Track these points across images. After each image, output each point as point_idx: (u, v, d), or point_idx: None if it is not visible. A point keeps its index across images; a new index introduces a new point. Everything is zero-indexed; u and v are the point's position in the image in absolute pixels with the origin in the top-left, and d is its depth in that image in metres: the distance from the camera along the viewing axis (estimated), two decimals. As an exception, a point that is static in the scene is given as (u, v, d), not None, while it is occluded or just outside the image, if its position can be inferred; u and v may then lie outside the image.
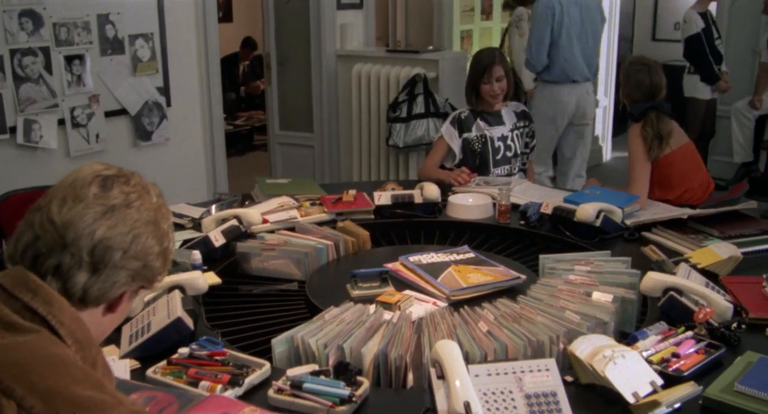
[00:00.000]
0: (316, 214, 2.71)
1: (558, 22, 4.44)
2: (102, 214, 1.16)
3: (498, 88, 3.36)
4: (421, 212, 2.75)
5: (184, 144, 4.33)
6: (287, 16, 5.21)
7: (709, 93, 5.85)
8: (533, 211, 2.60)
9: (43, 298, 1.11)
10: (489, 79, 3.34)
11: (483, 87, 3.36)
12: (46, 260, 1.14)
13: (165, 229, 1.25)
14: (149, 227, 1.21)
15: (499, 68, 3.35)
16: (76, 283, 1.15)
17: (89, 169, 1.23)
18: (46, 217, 1.16)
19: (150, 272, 1.23)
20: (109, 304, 1.21)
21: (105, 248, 1.15)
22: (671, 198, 2.98)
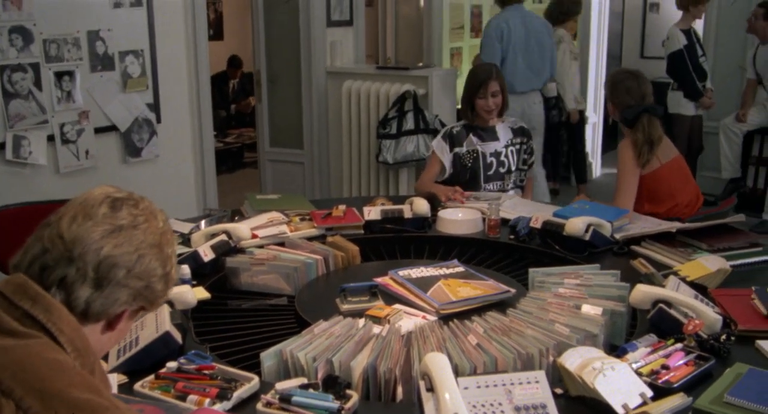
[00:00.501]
0: (305, 230, 2.70)
1: (506, 40, 4.79)
2: (110, 232, 1.21)
3: (493, 103, 3.38)
4: (410, 227, 2.75)
5: (174, 160, 4.33)
6: (277, 34, 5.24)
7: (693, 109, 5.88)
8: (523, 225, 2.60)
9: (43, 306, 1.14)
10: (484, 93, 3.36)
11: (478, 102, 3.38)
12: (53, 272, 1.18)
13: (168, 254, 1.29)
14: (154, 249, 1.25)
15: (494, 83, 3.38)
16: (79, 296, 1.18)
17: (101, 191, 1.28)
18: (55, 231, 1.20)
19: (151, 293, 1.26)
20: (108, 322, 1.24)
21: (110, 265, 1.20)
22: (660, 211, 2.99)
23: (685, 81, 5.77)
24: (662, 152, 3.09)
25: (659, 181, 3.04)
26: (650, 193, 3.05)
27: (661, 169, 3.06)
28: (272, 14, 5.22)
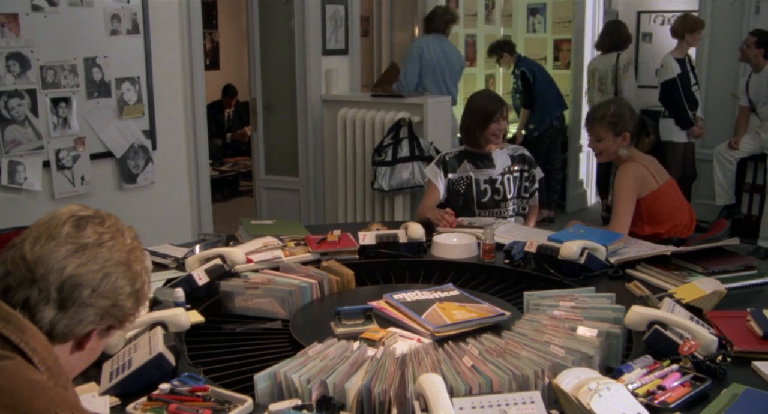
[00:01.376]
0: (300, 254, 2.70)
1: (425, 59, 5.38)
2: (73, 251, 1.19)
3: (504, 126, 3.44)
4: (405, 252, 2.75)
5: (170, 187, 4.33)
6: (273, 62, 5.28)
7: (685, 136, 5.93)
8: (518, 249, 2.60)
9: (15, 325, 1.12)
10: (499, 117, 3.39)
11: (492, 126, 3.39)
12: (15, 294, 1.17)
13: (137, 271, 1.28)
14: (120, 267, 1.24)
15: (504, 108, 3.43)
16: (42, 318, 1.17)
17: (66, 210, 1.27)
18: (18, 253, 1.19)
19: (120, 312, 1.25)
20: (77, 342, 1.23)
21: (74, 285, 1.18)
22: (661, 232, 3.03)
23: (677, 109, 5.82)
24: (658, 173, 3.13)
25: (659, 202, 3.08)
26: (650, 214, 3.08)
27: (659, 190, 3.10)
28: (268, 43, 5.26)
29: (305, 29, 5.02)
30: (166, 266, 2.68)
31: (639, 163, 3.14)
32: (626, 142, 3.15)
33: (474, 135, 3.43)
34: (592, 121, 3.20)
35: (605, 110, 3.17)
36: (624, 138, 3.14)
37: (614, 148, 3.16)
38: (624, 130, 3.14)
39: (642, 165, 3.13)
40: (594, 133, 3.19)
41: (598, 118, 3.17)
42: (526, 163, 3.49)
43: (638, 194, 3.07)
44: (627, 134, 3.14)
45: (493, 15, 7.07)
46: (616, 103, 3.25)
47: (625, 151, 3.14)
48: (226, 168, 8.05)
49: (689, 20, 5.89)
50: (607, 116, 3.14)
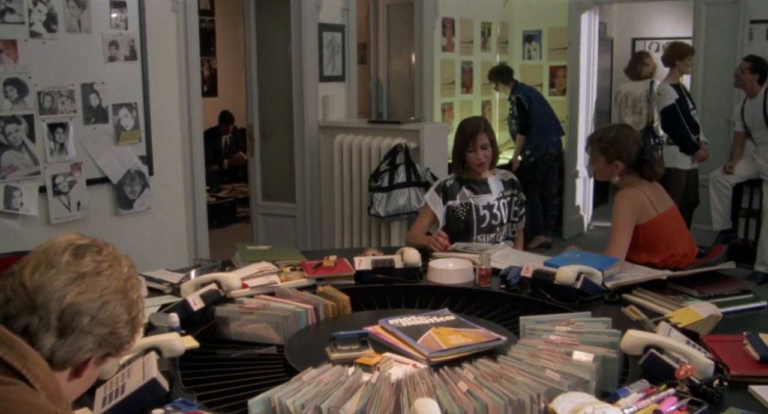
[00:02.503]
0: (296, 280, 2.69)
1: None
2: (72, 280, 1.21)
3: (483, 156, 3.40)
4: (401, 277, 2.74)
5: (166, 213, 4.33)
6: (270, 89, 5.31)
7: (689, 163, 5.95)
8: (514, 274, 2.60)
9: (18, 352, 1.14)
10: (474, 147, 3.39)
11: (468, 155, 3.41)
12: (15, 321, 1.18)
13: (134, 299, 1.29)
14: (118, 295, 1.25)
15: (483, 136, 3.41)
16: (43, 346, 1.18)
17: (64, 238, 1.28)
18: (18, 281, 1.20)
19: (117, 339, 1.26)
20: (75, 369, 1.24)
21: (73, 313, 1.20)
22: (657, 261, 2.99)
23: (681, 135, 5.85)
24: (659, 202, 3.11)
25: (656, 231, 3.05)
26: (647, 243, 3.06)
27: (658, 219, 3.07)
28: (265, 69, 5.30)
29: (302, 56, 5.06)
30: (162, 291, 2.67)
31: (638, 190, 3.11)
32: (618, 170, 3.13)
33: (456, 163, 3.46)
34: (590, 140, 3.25)
35: (604, 134, 3.17)
36: (616, 166, 3.12)
37: (607, 173, 3.16)
38: (617, 159, 3.11)
39: (641, 192, 3.10)
40: (590, 152, 3.22)
41: (594, 139, 3.18)
42: (515, 187, 3.51)
43: (636, 221, 3.05)
44: (620, 163, 3.11)
45: (489, 42, 7.12)
46: (619, 129, 3.23)
47: (617, 178, 3.14)
48: (222, 194, 8.05)
49: (678, 47, 5.97)
50: (603, 140, 3.14)
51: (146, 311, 2.43)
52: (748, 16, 6.26)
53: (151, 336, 1.96)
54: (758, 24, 6.29)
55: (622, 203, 3.07)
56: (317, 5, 5.08)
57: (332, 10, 5.24)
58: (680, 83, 5.99)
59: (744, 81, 5.66)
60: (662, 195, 3.16)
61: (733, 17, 6.33)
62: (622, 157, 3.11)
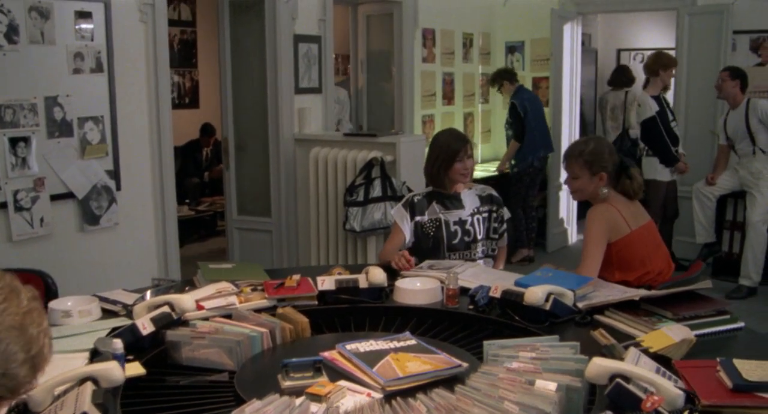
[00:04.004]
0: (255, 301, 2.58)
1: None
2: None
3: (470, 165, 3.36)
4: (366, 297, 2.63)
5: (135, 229, 4.22)
6: (245, 101, 5.20)
7: (669, 175, 5.87)
8: (482, 295, 2.49)
9: None
10: (463, 156, 3.30)
11: (457, 165, 3.31)
12: None
13: (33, 335, 1.17)
14: (12, 332, 1.13)
15: (468, 146, 3.34)
16: None
17: None
18: None
19: (11, 381, 1.14)
20: None
21: None
22: (631, 279, 2.88)
23: (660, 147, 5.77)
24: (633, 217, 3.00)
25: (630, 248, 2.94)
26: (621, 260, 2.95)
27: (632, 235, 2.95)
28: (240, 81, 5.19)
29: (277, 67, 4.96)
30: (116, 313, 2.56)
31: (611, 206, 3.00)
32: (603, 183, 3.02)
33: (439, 176, 3.35)
34: (569, 157, 3.10)
35: (583, 148, 3.06)
36: (601, 178, 3.02)
37: (590, 188, 3.05)
38: (601, 170, 3.01)
39: (614, 208, 2.99)
40: (570, 170, 3.09)
41: (575, 155, 3.07)
42: (494, 203, 3.40)
43: (609, 238, 2.94)
44: (604, 175, 3.01)
45: (471, 53, 7.04)
46: (596, 141, 3.12)
47: (606, 190, 3.04)
48: (203, 207, 7.94)
49: (663, 57, 5.88)
50: (585, 154, 3.03)
51: (96, 335, 2.35)
52: (731, 27, 6.21)
53: (88, 365, 1.84)
54: (741, 34, 6.24)
55: (593, 220, 2.97)
56: (292, 16, 4.99)
57: (308, 21, 5.15)
58: (661, 95, 5.90)
59: (727, 89, 5.57)
60: (637, 210, 3.05)
61: (716, 27, 6.27)
62: (607, 167, 3.02)
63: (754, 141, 5.52)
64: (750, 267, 5.46)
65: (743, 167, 5.63)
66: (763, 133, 5.48)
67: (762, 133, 5.48)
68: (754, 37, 6.26)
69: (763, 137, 5.48)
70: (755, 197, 5.48)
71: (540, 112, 6.45)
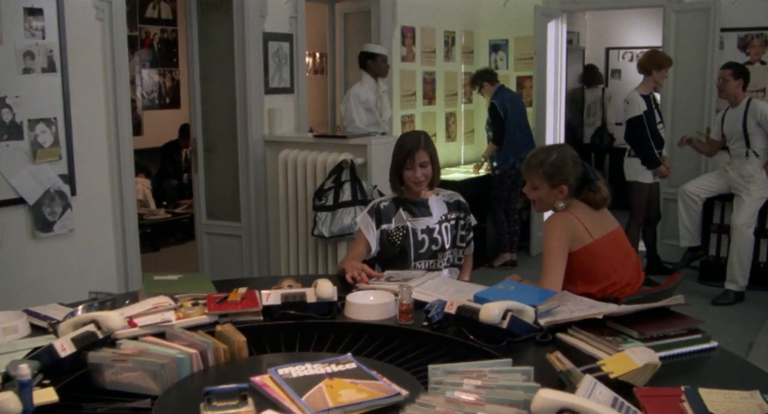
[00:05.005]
0: (195, 317, 2.40)
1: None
2: None
3: (421, 175, 3.12)
4: (314, 313, 2.45)
5: (92, 235, 4.03)
6: (214, 102, 5.02)
7: (651, 177, 5.67)
8: (437, 310, 2.31)
9: None
10: (412, 164, 3.11)
11: (406, 173, 3.13)
12: None
13: None
14: None
15: (423, 153, 3.13)
16: None
17: None
18: None
19: None
20: None
21: None
22: (594, 292, 2.70)
23: (643, 148, 5.57)
24: (595, 226, 2.80)
25: (593, 258, 2.75)
26: (583, 271, 2.75)
27: (594, 245, 2.76)
28: (209, 82, 5.01)
29: (246, 67, 4.78)
30: (45, 330, 2.38)
31: (570, 214, 2.80)
32: (563, 195, 2.82)
33: (394, 183, 3.18)
34: (528, 167, 2.88)
35: (544, 157, 2.85)
36: (561, 191, 2.82)
37: (550, 200, 2.85)
38: (562, 183, 2.81)
39: (574, 216, 2.79)
40: (529, 180, 2.89)
41: (534, 165, 2.86)
42: (461, 210, 3.22)
43: (569, 248, 2.75)
44: (565, 188, 2.81)
45: (453, 52, 6.86)
46: (558, 150, 2.89)
47: (562, 204, 2.84)
48: (180, 210, 7.74)
49: (657, 56, 5.65)
50: (545, 165, 2.83)
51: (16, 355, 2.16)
52: (718, 24, 6.03)
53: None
54: (729, 32, 6.07)
55: (551, 229, 2.77)
56: (262, 13, 4.80)
57: (279, 19, 4.96)
58: (651, 94, 5.70)
59: (729, 89, 5.36)
60: (602, 218, 2.85)
61: (703, 25, 6.10)
62: (568, 180, 2.81)
63: (748, 143, 5.32)
64: (736, 271, 5.27)
65: (734, 169, 5.44)
66: (759, 136, 5.27)
67: (758, 135, 5.27)
68: (742, 35, 6.10)
69: (759, 140, 5.28)
70: (743, 200, 5.30)
71: (522, 112, 6.25)
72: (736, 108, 5.38)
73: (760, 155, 5.30)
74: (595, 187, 2.81)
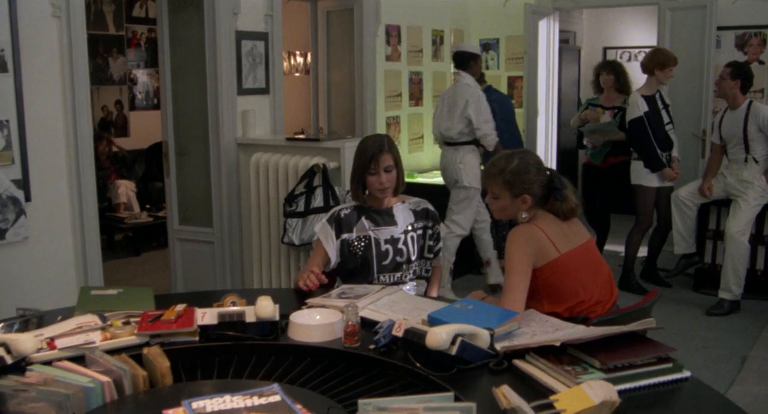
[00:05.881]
0: (123, 337, 2.20)
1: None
2: None
3: (386, 180, 2.91)
4: (254, 334, 2.24)
5: (48, 243, 3.83)
6: (185, 103, 4.82)
7: (657, 180, 5.42)
8: (385, 333, 2.11)
9: None
10: (376, 169, 2.90)
11: (369, 178, 2.92)
12: None
13: None
14: None
15: (387, 157, 2.92)
16: None
17: None
18: None
19: None
20: None
21: None
22: (560, 310, 2.47)
23: (645, 150, 5.32)
24: (563, 239, 2.55)
25: (559, 274, 2.51)
26: (549, 288, 2.52)
27: (561, 259, 2.51)
28: (180, 82, 4.81)
29: (217, 66, 4.58)
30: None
31: (534, 226, 2.55)
32: (526, 206, 2.59)
33: (356, 191, 2.98)
34: (488, 175, 2.64)
35: (504, 165, 2.61)
36: (524, 201, 2.58)
37: (512, 210, 2.62)
38: (524, 193, 2.57)
39: (538, 228, 2.54)
40: (490, 189, 2.66)
41: (494, 173, 2.62)
42: (429, 218, 3.01)
43: (534, 263, 2.52)
44: (528, 197, 2.58)
45: (441, 51, 6.65)
46: (520, 157, 2.64)
47: (526, 214, 2.61)
48: (162, 213, 7.53)
49: (659, 55, 5.40)
50: (506, 173, 2.59)
51: None
52: (714, 23, 5.81)
53: None
54: (725, 31, 5.85)
55: (513, 244, 2.51)
56: (234, 11, 4.60)
57: (253, 17, 4.76)
58: (658, 94, 5.44)
59: (725, 88, 5.11)
60: (571, 230, 2.61)
61: (699, 24, 5.89)
62: (531, 189, 2.58)
63: (748, 148, 5.08)
64: (730, 279, 5.04)
65: (732, 174, 5.19)
66: (760, 142, 5.01)
67: (759, 141, 5.01)
68: (739, 33, 5.88)
69: (759, 146, 5.02)
70: (740, 206, 5.06)
71: (510, 113, 6.00)
72: (735, 110, 5.13)
73: (759, 161, 5.05)
74: (561, 196, 2.57)
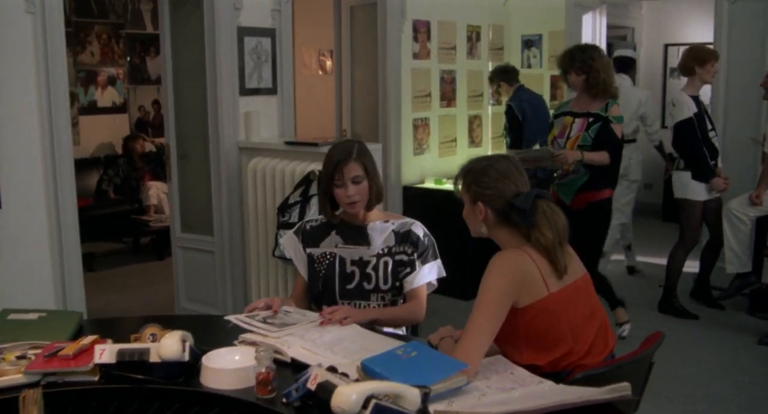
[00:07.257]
0: (10, 376, 1.90)
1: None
2: None
3: (355, 192, 2.51)
4: (159, 376, 1.91)
5: (22, 254, 3.61)
6: (187, 104, 4.54)
7: (705, 192, 4.84)
8: (300, 384, 1.74)
9: None
10: (341, 179, 2.51)
11: (336, 191, 2.54)
12: None
13: None
14: None
15: (354, 166, 2.50)
16: None
17: None
18: None
19: None
20: None
21: None
22: (542, 364, 1.97)
23: (695, 156, 4.73)
24: (553, 274, 2.02)
25: (546, 317, 1.98)
26: (532, 334, 1.99)
27: (549, 299, 1.99)
28: (182, 82, 4.54)
29: (217, 65, 4.28)
30: None
31: (526, 254, 2.02)
32: (482, 217, 2.12)
33: (324, 205, 2.60)
34: (455, 177, 2.22)
35: (470, 166, 2.17)
36: (480, 210, 2.11)
37: (472, 220, 2.16)
38: (478, 199, 2.12)
39: (528, 257, 2.02)
40: (457, 193, 2.23)
41: (459, 174, 2.19)
42: (412, 244, 2.55)
43: (515, 302, 1.97)
44: (481, 206, 2.11)
45: (477, 48, 6.21)
46: (490, 159, 2.18)
47: (484, 229, 2.18)
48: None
49: (696, 51, 4.85)
50: (469, 173, 2.16)
51: None
52: (778, 15, 5.22)
53: None
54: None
55: (494, 271, 1.99)
56: (235, 6, 4.29)
57: (258, 12, 4.45)
58: (699, 97, 4.90)
59: None
60: (572, 259, 2.10)
61: (761, 15, 5.29)
62: (486, 196, 2.10)
63: None
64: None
65: (791, 183, 4.62)
66: None
67: None
68: (805, 27, 5.26)
69: None
70: (800, 220, 4.49)
71: (543, 115, 5.52)
72: None
73: None
74: (526, 220, 2.05)
